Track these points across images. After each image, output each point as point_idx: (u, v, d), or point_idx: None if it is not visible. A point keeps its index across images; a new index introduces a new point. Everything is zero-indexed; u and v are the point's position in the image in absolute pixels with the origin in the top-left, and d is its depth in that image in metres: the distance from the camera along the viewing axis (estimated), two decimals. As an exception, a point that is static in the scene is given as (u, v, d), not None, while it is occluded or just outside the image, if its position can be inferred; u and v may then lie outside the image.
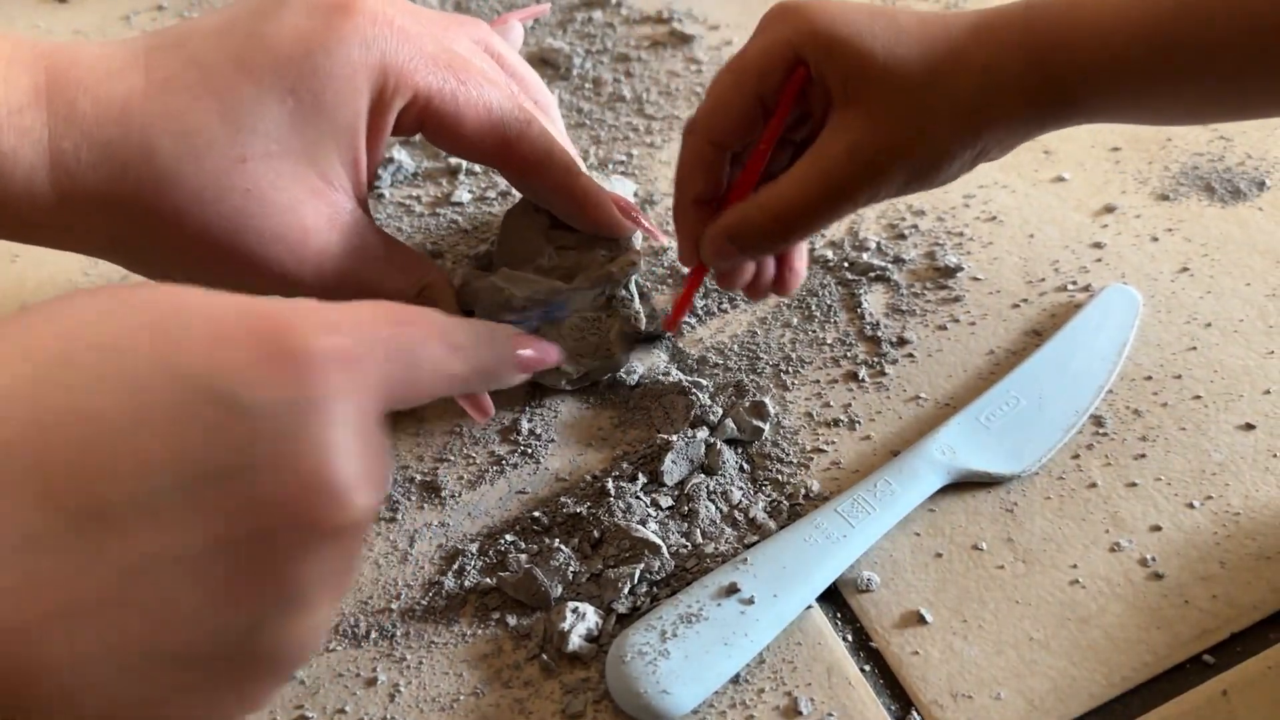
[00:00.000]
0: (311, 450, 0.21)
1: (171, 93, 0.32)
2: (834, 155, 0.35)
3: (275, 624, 0.21)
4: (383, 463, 0.23)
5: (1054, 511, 0.39)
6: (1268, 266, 0.48)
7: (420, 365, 0.25)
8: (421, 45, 0.35)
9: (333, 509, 0.21)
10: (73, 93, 0.32)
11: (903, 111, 0.34)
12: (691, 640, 0.34)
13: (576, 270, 0.41)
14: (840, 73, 0.35)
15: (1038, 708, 0.33)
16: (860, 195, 0.36)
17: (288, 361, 0.21)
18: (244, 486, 0.20)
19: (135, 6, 0.70)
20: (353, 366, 0.22)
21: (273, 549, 0.21)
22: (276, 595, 0.21)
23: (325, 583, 0.22)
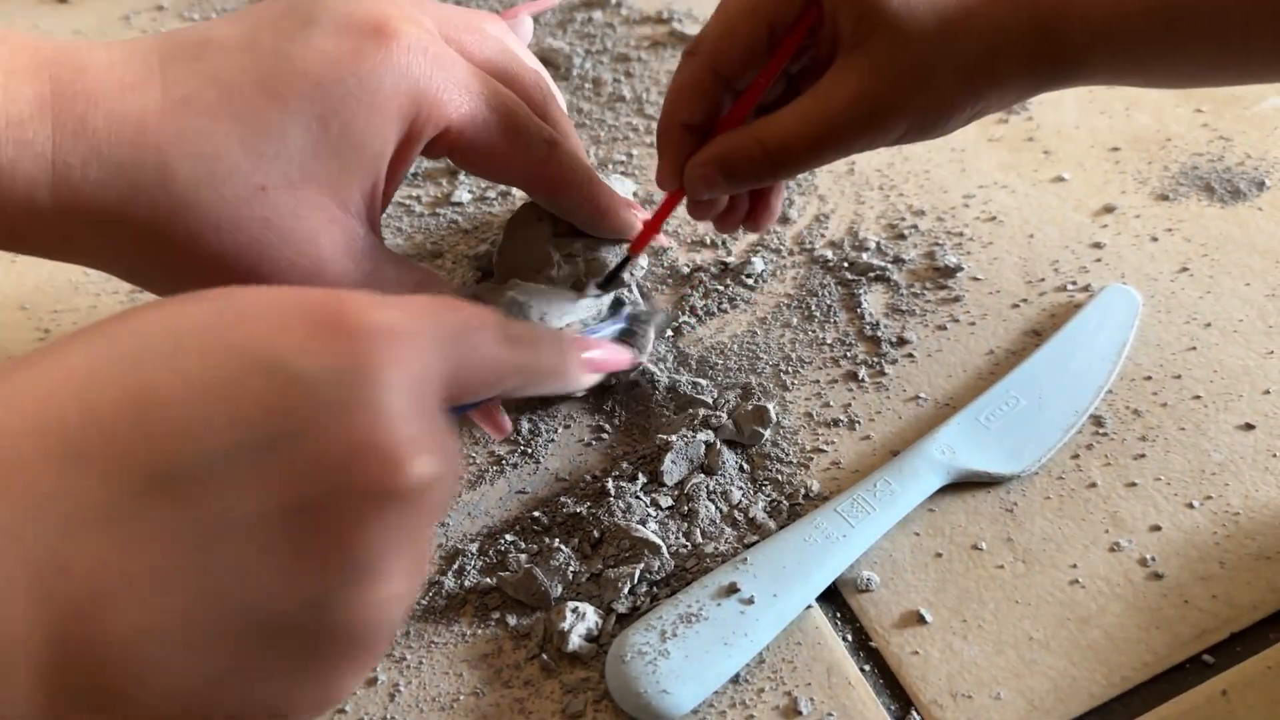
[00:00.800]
0: (364, 414, 0.21)
1: (191, 113, 0.31)
2: (837, 98, 0.35)
3: (344, 595, 0.21)
4: (447, 438, 0.23)
5: (1054, 511, 0.39)
6: (1267, 266, 0.48)
7: (477, 351, 0.25)
8: (456, 72, 0.34)
9: (388, 471, 0.21)
10: (82, 106, 0.30)
11: (909, 63, 0.34)
12: (691, 640, 0.34)
13: (585, 277, 0.40)
14: (853, 15, 0.34)
15: (1037, 708, 0.33)
16: (858, 141, 0.36)
17: (341, 334, 0.21)
18: (301, 451, 0.20)
19: (135, 6, 0.70)
20: (406, 340, 0.22)
21: (333, 514, 0.21)
22: (342, 563, 0.21)
23: (393, 552, 0.22)
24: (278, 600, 0.21)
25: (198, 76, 0.31)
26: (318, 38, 0.32)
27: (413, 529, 0.22)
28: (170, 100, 0.31)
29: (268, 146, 0.31)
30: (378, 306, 0.22)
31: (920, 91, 0.35)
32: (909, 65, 0.34)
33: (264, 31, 0.32)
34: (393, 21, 0.33)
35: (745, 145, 0.36)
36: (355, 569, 0.21)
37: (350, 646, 0.22)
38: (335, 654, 0.22)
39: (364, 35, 0.32)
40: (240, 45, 0.32)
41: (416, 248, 0.51)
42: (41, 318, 0.49)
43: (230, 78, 0.31)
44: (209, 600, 0.20)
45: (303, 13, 0.33)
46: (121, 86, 0.31)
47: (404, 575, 0.23)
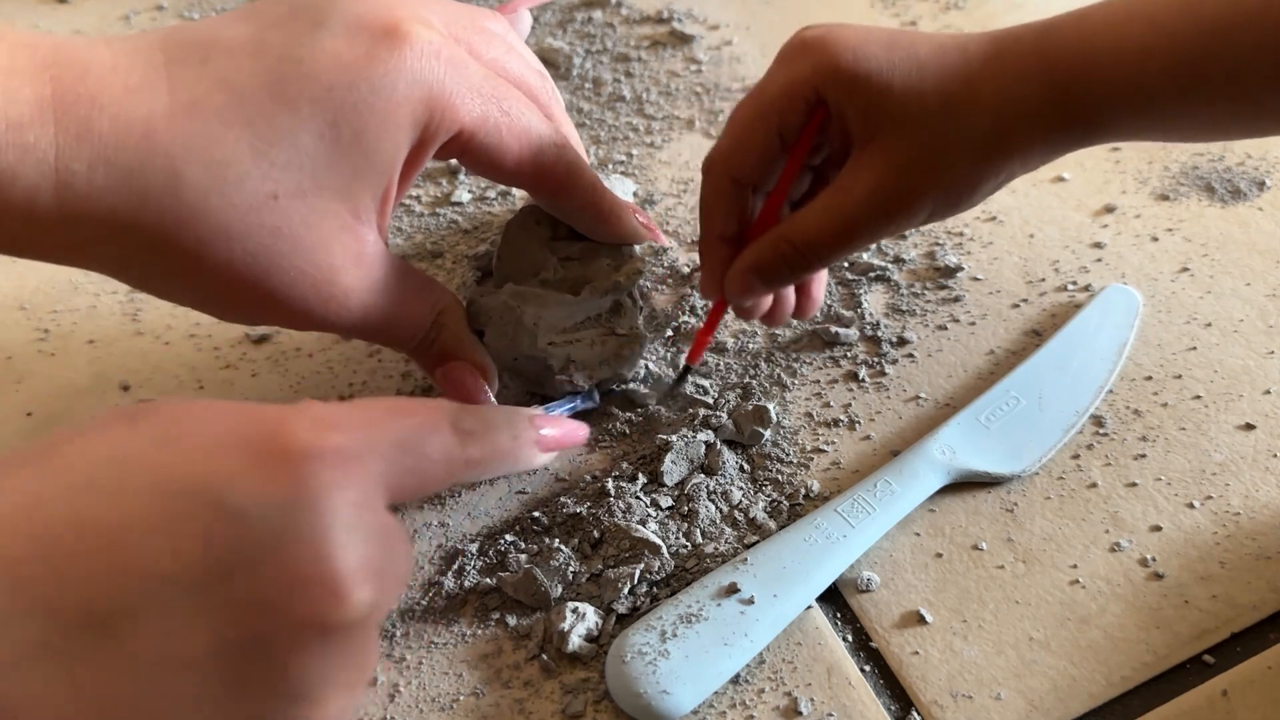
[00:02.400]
0: (306, 547, 0.21)
1: (200, 118, 0.30)
2: (855, 195, 0.36)
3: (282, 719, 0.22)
4: (395, 555, 0.23)
5: (1054, 511, 0.39)
6: (1268, 266, 0.48)
7: (429, 455, 0.25)
8: (468, 75, 0.33)
9: (330, 604, 0.21)
10: (85, 109, 0.29)
11: (921, 149, 0.35)
12: (691, 640, 0.34)
13: (582, 281, 0.40)
14: (860, 112, 0.35)
15: (1038, 708, 0.33)
16: (884, 231, 0.37)
17: (281, 462, 0.21)
18: (242, 587, 0.20)
19: (135, 6, 0.70)
20: (351, 463, 0.22)
21: (273, 646, 0.21)
22: (281, 692, 0.21)
23: (333, 679, 0.22)
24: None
25: (205, 79, 0.30)
26: (328, 40, 0.31)
27: (353, 653, 0.22)
28: (177, 104, 0.30)
29: (279, 154, 0.31)
30: (321, 428, 0.22)
31: (935, 176, 0.35)
32: (920, 153, 0.35)
33: (272, 33, 0.32)
34: (404, 24, 0.32)
35: (775, 249, 0.37)
36: (293, 695, 0.21)
37: None
38: None
39: (375, 38, 0.32)
40: (248, 47, 0.31)
41: (416, 248, 0.51)
42: (41, 318, 0.49)
43: (239, 82, 0.31)
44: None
45: (311, 13, 0.32)
46: (126, 89, 0.30)
47: (345, 691, 0.23)
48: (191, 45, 0.31)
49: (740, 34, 0.66)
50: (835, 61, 0.35)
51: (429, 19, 0.34)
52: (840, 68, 0.35)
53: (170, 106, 0.30)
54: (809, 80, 0.36)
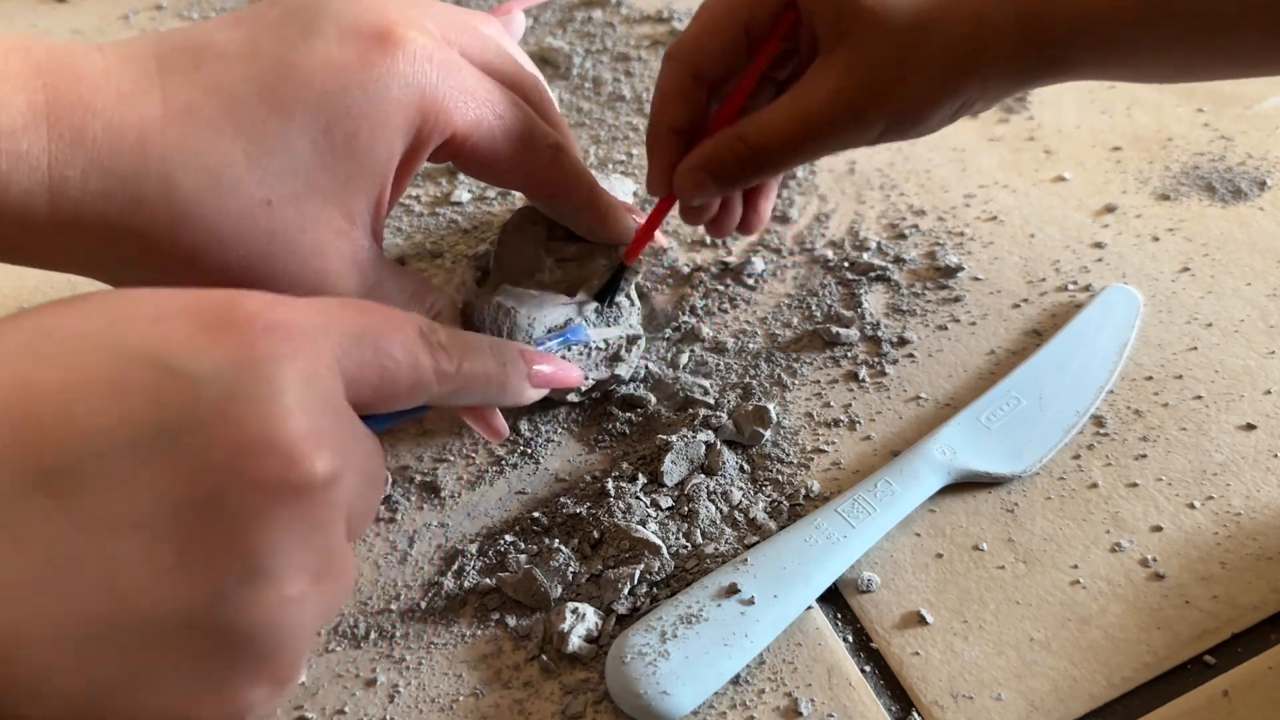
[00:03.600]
0: (254, 407, 0.21)
1: (193, 124, 0.30)
2: (815, 96, 0.35)
3: (238, 594, 0.21)
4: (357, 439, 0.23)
5: (1055, 512, 0.39)
6: (1269, 266, 0.48)
7: (390, 353, 0.25)
8: (461, 78, 0.33)
9: (278, 465, 0.21)
10: (80, 116, 0.29)
11: (887, 59, 0.34)
12: (691, 641, 0.34)
13: (578, 282, 0.40)
14: (829, 15, 0.35)
15: (1038, 708, 0.33)
16: (839, 138, 0.36)
17: (229, 330, 0.21)
18: (190, 447, 0.20)
19: (134, 6, 0.70)
20: (301, 337, 0.22)
21: (224, 509, 0.20)
22: (233, 560, 0.21)
23: (290, 550, 0.21)
24: (168, 601, 0.20)
25: (199, 85, 0.31)
26: (321, 45, 0.31)
27: (312, 526, 0.22)
28: (171, 110, 0.30)
29: (272, 159, 0.31)
30: (271, 305, 0.22)
31: (896, 88, 0.35)
32: (885, 62, 0.34)
33: (265, 38, 0.32)
34: (398, 28, 0.32)
35: (730, 146, 0.36)
36: (248, 567, 0.21)
37: (250, 651, 0.22)
38: (234, 660, 0.21)
39: (368, 43, 0.32)
40: (241, 52, 0.31)
41: (416, 248, 0.51)
42: (41, 318, 0.48)
43: (232, 87, 0.31)
44: (96, 601, 0.19)
45: (304, 18, 0.32)
46: (120, 95, 0.30)
47: (306, 576, 0.22)
48: (184, 50, 0.31)
49: (740, 33, 0.66)
50: None
51: (422, 23, 0.33)
52: None
53: (164, 112, 0.30)
54: None
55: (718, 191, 0.38)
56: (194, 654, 0.21)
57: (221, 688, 0.22)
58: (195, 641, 0.21)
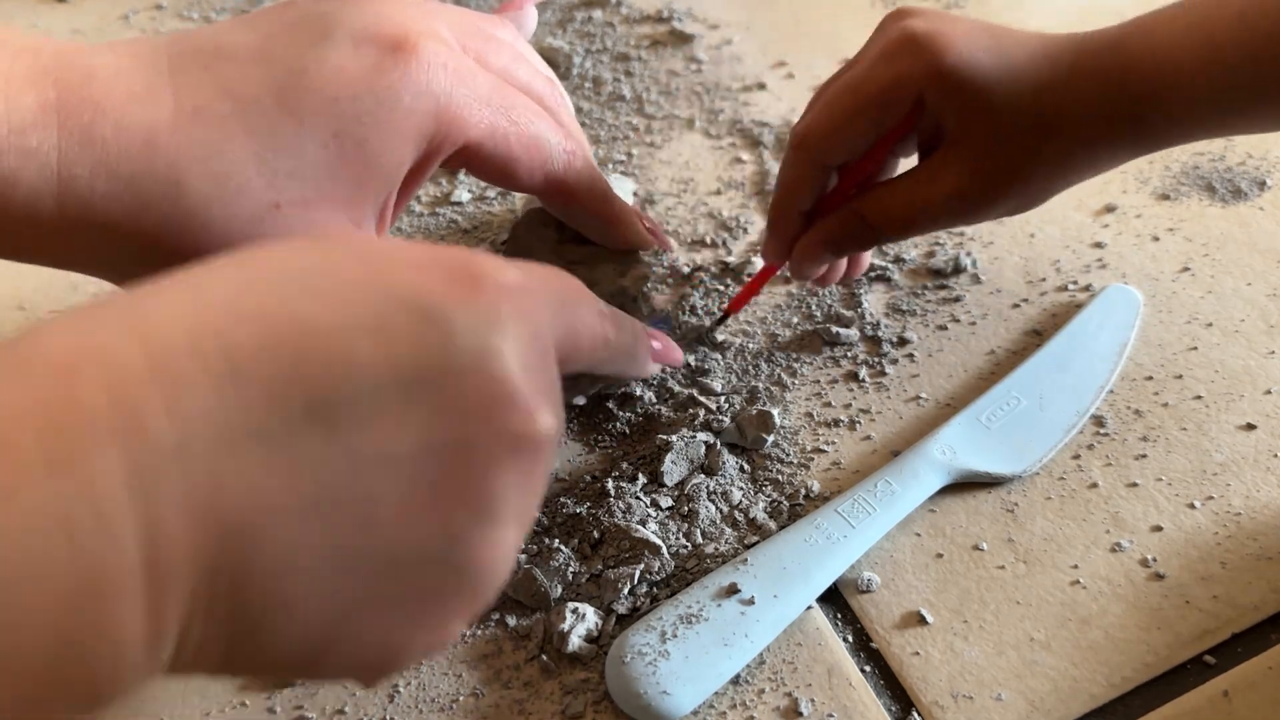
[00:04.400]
0: (501, 363, 0.22)
1: (203, 126, 0.30)
2: (938, 188, 0.38)
3: (472, 534, 0.22)
4: (559, 396, 0.24)
5: (1055, 512, 0.39)
6: (1269, 266, 0.48)
7: (583, 320, 0.27)
8: (476, 86, 0.33)
9: (521, 418, 0.22)
10: (89, 115, 0.29)
11: (1010, 159, 0.37)
12: (691, 641, 0.34)
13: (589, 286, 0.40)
14: (957, 114, 0.37)
15: (1038, 708, 0.33)
16: (954, 223, 0.40)
17: (476, 284, 0.22)
18: (447, 391, 0.21)
19: (134, 5, 0.70)
20: (528, 298, 0.23)
21: (471, 456, 0.22)
22: (474, 503, 0.22)
23: (515, 499, 0.23)
24: (412, 535, 0.21)
25: (210, 87, 0.30)
26: (335, 52, 0.31)
27: (532, 477, 0.23)
28: (181, 112, 0.30)
29: (282, 164, 0.31)
30: (499, 266, 0.23)
31: (1016, 188, 0.38)
32: (1008, 163, 0.37)
33: (278, 42, 0.32)
34: (411, 36, 0.32)
35: (850, 223, 0.40)
36: (484, 510, 0.22)
37: (468, 587, 0.23)
38: (454, 593, 0.23)
39: (382, 50, 0.32)
40: (253, 56, 0.31)
41: (416, 247, 0.51)
42: (40, 318, 0.48)
43: (244, 90, 0.30)
44: (352, 531, 0.21)
45: (318, 23, 0.32)
46: (130, 95, 0.30)
47: (520, 521, 0.23)
48: (196, 52, 0.31)
49: (740, 33, 0.66)
50: (941, 65, 0.36)
51: (437, 30, 0.33)
52: (945, 72, 0.36)
53: (174, 114, 0.30)
54: (915, 81, 0.37)
55: (833, 260, 0.42)
56: (424, 585, 0.22)
57: (437, 617, 0.23)
58: (428, 574, 0.22)
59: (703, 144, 0.57)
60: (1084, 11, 0.65)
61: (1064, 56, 0.37)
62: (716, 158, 0.56)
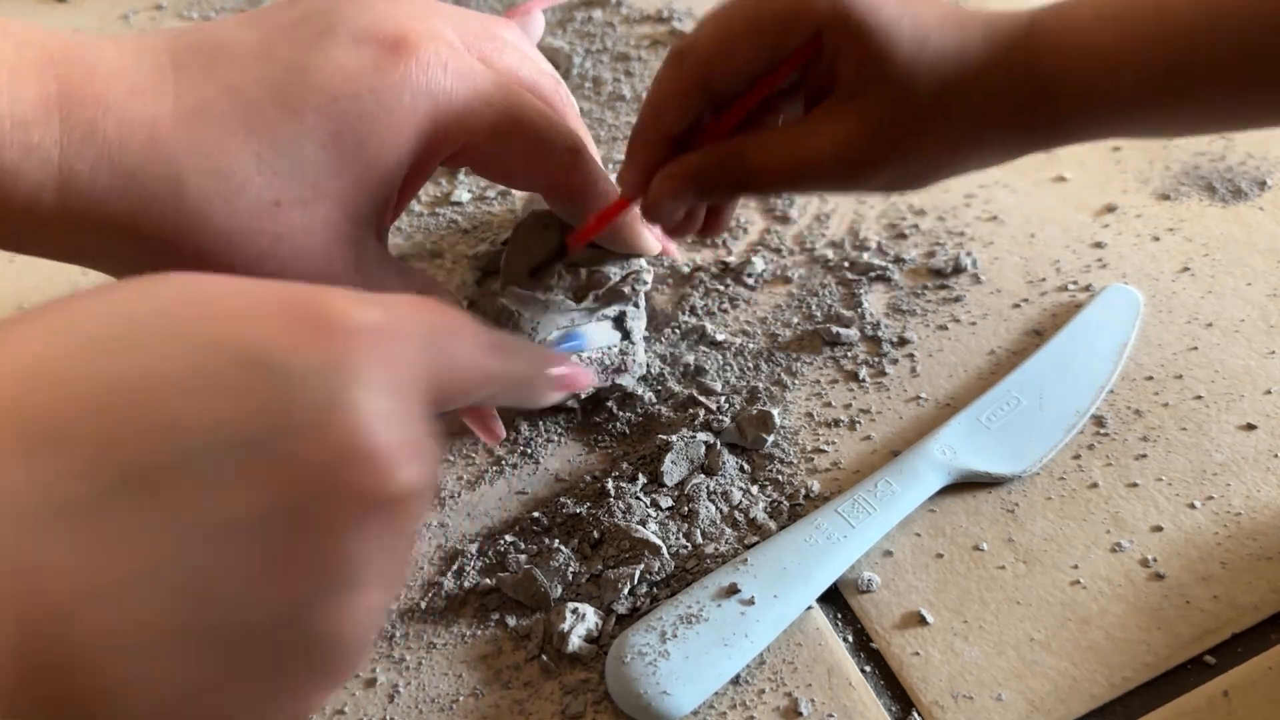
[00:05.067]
0: (349, 416, 0.20)
1: (204, 123, 0.30)
2: (823, 140, 0.35)
3: (324, 603, 0.21)
4: (429, 443, 0.22)
5: (1055, 512, 0.39)
6: (1269, 266, 0.48)
7: (457, 356, 0.24)
8: (477, 85, 0.33)
9: (372, 477, 0.20)
10: (91, 110, 0.29)
11: (900, 121, 0.34)
12: (691, 641, 0.34)
13: (587, 288, 0.40)
14: (855, 64, 0.34)
15: (1038, 709, 0.33)
16: (835, 185, 0.36)
17: (322, 330, 0.20)
18: (282, 452, 0.19)
19: (134, 5, 0.70)
20: (388, 341, 0.21)
21: (315, 518, 0.20)
22: (322, 569, 0.20)
23: (375, 561, 0.21)
24: (254, 608, 0.20)
25: (211, 84, 0.30)
26: (336, 50, 0.31)
27: (393, 537, 0.21)
28: (183, 108, 0.30)
29: (282, 162, 0.30)
30: (359, 304, 0.21)
31: (905, 150, 0.35)
32: (899, 123, 0.34)
33: (279, 40, 0.31)
34: (412, 35, 0.32)
35: (724, 162, 0.36)
36: (335, 577, 0.21)
37: (327, 657, 0.21)
38: (311, 664, 0.21)
39: (383, 49, 0.31)
40: (255, 53, 0.31)
41: (416, 247, 0.51)
42: (40, 317, 0.48)
43: (245, 88, 0.30)
44: (185, 605, 0.19)
45: (320, 22, 0.32)
46: (132, 91, 0.29)
47: (382, 584, 0.22)
48: (199, 49, 0.31)
49: (740, 33, 0.65)
50: (849, 5, 0.33)
51: (439, 29, 0.33)
52: (853, 12, 0.33)
53: (175, 110, 0.30)
54: (818, 13, 0.34)
55: (695, 201, 0.37)
56: (276, 660, 0.21)
57: (298, 689, 0.22)
58: (278, 648, 0.21)
59: (703, 144, 0.57)
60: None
61: (973, 26, 0.35)
62: (716, 158, 0.56)
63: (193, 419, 0.19)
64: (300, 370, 0.20)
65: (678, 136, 0.37)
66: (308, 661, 0.21)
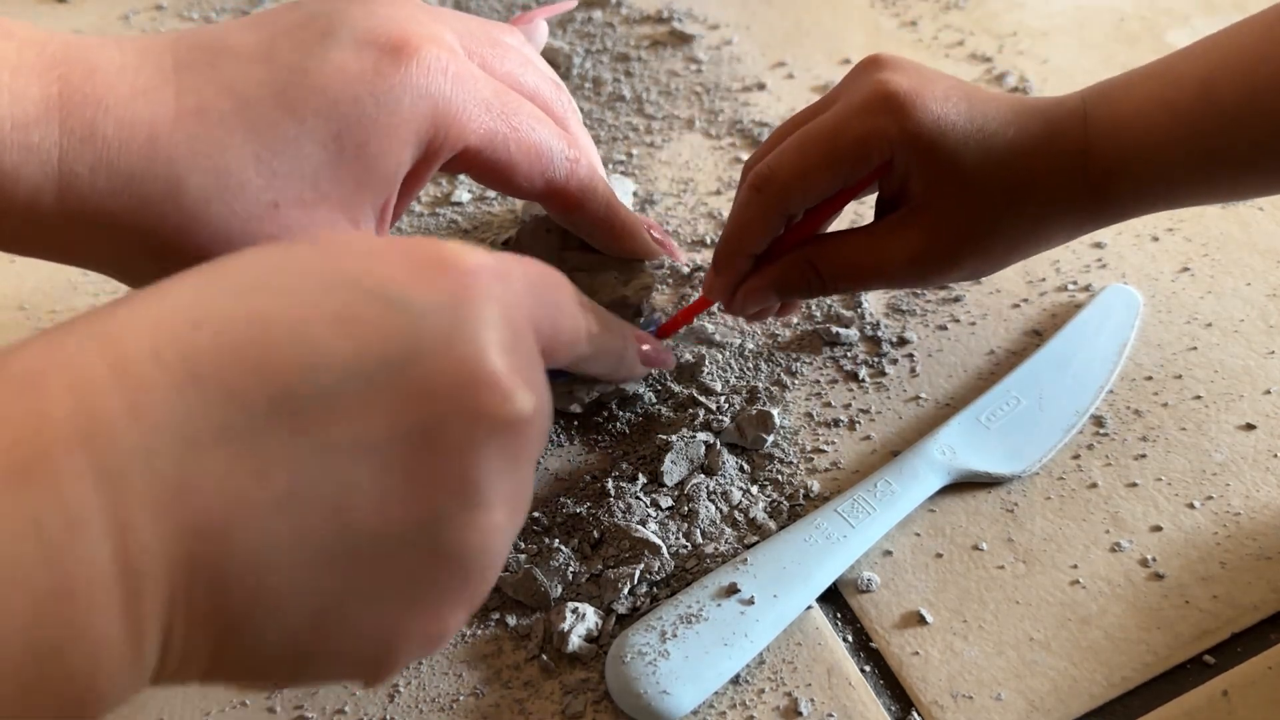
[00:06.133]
0: (471, 345, 0.22)
1: (204, 124, 0.30)
2: (896, 249, 0.37)
3: (455, 519, 0.22)
4: (540, 378, 0.24)
5: (1054, 512, 0.39)
6: (1268, 266, 0.48)
7: (562, 306, 0.26)
8: (477, 90, 0.33)
9: (495, 398, 0.22)
10: (91, 111, 0.29)
11: (973, 224, 0.37)
12: (691, 641, 0.34)
13: (590, 294, 0.40)
14: (926, 178, 0.36)
15: (1038, 708, 0.33)
16: (909, 285, 0.39)
17: (441, 269, 0.22)
18: (413, 376, 0.21)
19: (134, 6, 0.70)
20: (499, 281, 0.23)
21: (445, 439, 0.21)
22: (454, 487, 0.22)
23: (499, 480, 0.23)
24: (391, 523, 0.21)
25: (212, 85, 0.31)
26: (337, 53, 0.31)
27: (516, 459, 0.23)
28: (183, 109, 0.30)
29: (282, 163, 0.31)
30: (468, 250, 0.23)
31: (976, 255, 0.38)
32: (970, 233, 0.37)
33: (281, 42, 0.32)
34: (414, 39, 0.32)
35: (801, 270, 0.39)
36: (465, 493, 0.22)
37: (459, 574, 0.23)
38: (444, 581, 0.23)
39: (384, 52, 0.32)
40: (257, 55, 0.31)
41: (416, 247, 0.51)
42: (40, 318, 0.49)
43: (246, 89, 0.31)
44: (327, 522, 0.20)
45: (322, 24, 0.32)
46: (133, 91, 0.30)
47: (508, 505, 0.23)
48: (200, 50, 0.31)
49: (740, 34, 0.66)
50: (917, 127, 0.36)
51: (441, 34, 0.33)
52: (919, 135, 0.36)
53: (175, 111, 0.30)
54: (890, 140, 0.36)
55: (775, 302, 0.40)
56: (412, 574, 0.22)
57: (430, 607, 0.23)
58: (415, 562, 0.22)
59: (702, 144, 0.57)
60: (1082, 11, 0.65)
61: (1033, 124, 0.37)
62: (716, 158, 0.56)
63: (332, 351, 0.21)
64: (426, 304, 0.22)
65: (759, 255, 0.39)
66: (442, 577, 0.23)
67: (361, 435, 0.21)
